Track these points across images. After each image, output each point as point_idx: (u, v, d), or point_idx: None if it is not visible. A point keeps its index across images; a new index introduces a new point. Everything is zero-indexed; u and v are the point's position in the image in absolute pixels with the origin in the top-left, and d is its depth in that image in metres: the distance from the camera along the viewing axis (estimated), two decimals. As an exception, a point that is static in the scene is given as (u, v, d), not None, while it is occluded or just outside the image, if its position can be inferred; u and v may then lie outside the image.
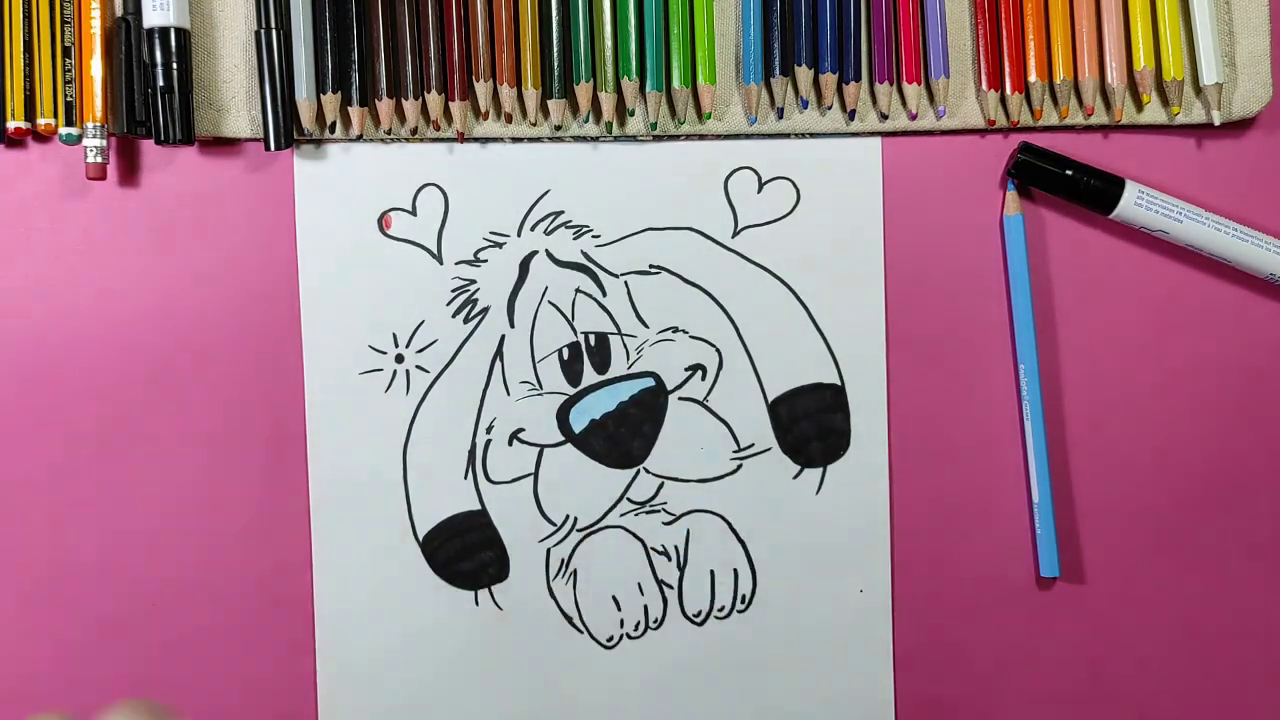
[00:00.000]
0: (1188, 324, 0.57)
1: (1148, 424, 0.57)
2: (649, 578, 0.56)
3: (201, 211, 0.54)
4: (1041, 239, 0.56)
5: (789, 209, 0.55)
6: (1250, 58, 0.55)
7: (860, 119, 0.55)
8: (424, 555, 0.55)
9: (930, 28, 0.54)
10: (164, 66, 0.50)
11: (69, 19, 0.51)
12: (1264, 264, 0.55)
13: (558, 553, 0.56)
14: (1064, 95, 0.55)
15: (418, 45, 0.52)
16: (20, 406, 0.53)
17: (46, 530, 0.53)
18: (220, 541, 0.54)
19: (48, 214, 0.53)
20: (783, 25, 0.53)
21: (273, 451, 0.54)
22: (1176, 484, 0.57)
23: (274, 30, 0.51)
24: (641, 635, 0.56)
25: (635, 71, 0.53)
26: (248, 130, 0.53)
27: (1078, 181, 0.55)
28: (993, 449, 0.56)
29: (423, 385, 0.55)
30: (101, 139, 0.50)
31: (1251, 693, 0.58)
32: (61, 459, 0.53)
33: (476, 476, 0.55)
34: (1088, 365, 0.57)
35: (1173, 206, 0.55)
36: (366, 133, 0.53)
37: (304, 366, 0.54)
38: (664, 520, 0.56)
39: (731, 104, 0.54)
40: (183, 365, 0.54)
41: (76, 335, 0.53)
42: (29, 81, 0.51)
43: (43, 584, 0.54)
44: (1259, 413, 0.58)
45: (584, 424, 0.55)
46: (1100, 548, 0.57)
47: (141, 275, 0.53)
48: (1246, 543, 0.58)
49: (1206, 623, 0.57)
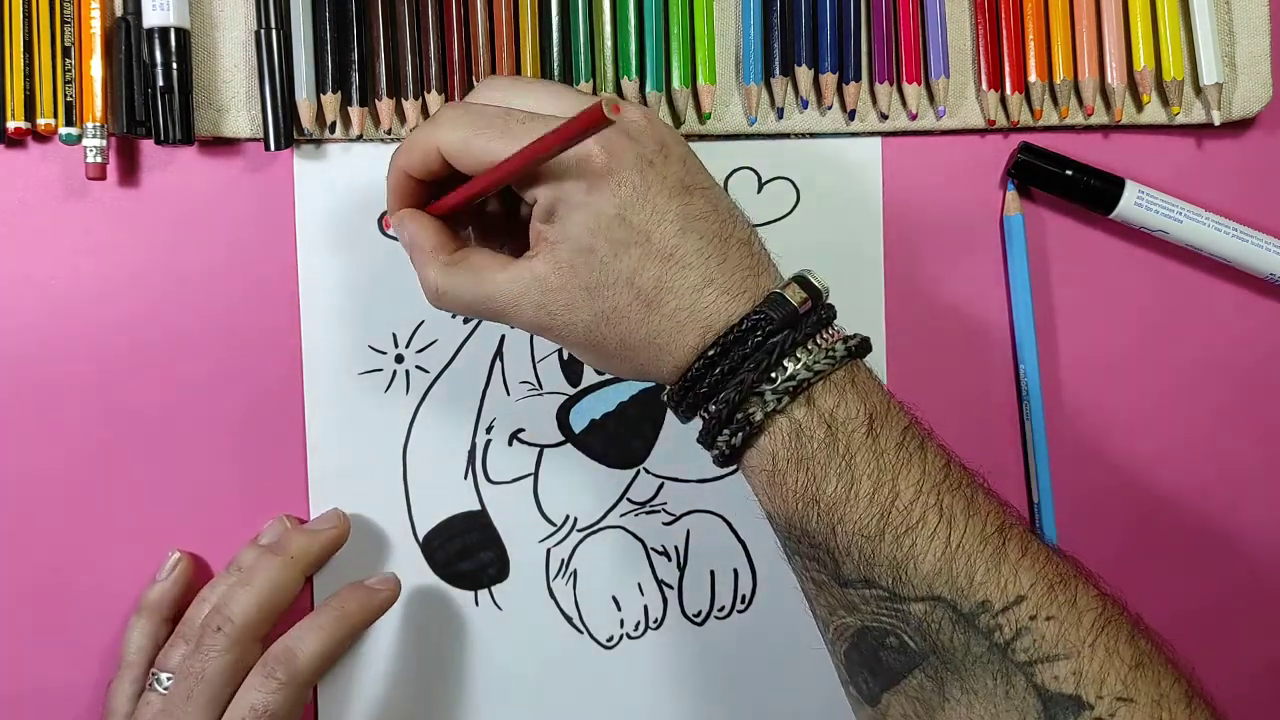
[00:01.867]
0: (1188, 324, 0.57)
1: (1148, 424, 0.57)
2: (649, 578, 0.56)
3: (201, 211, 0.53)
4: (1041, 239, 0.56)
5: (789, 209, 0.55)
6: (1250, 58, 0.55)
7: (860, 119, 0.55)
8: (424, 555, 0.55)
9: (930, 28, 0.54)
10: (164, 66, 0.50)
11: (69, 19, 0.51)
12: (1264, 264, 0.55)
13: (558, 553, 0.56)
14: (1064, 95, 0.55)
15: (418, 45, 0.52)
16: (20, 406, 0.53)
17: (46, 530, 0.53)
18: (221, 542, 0.54)
19: (48, 214, 0.53)
20: (783, 25, 0.53)
21: (273, 451, 0.54)
22: (1177, 484, 0.57)
23: (274, 30, 0.51)
24: (641, 635, 0.56)
25: (635, 71, 0.53)
26: (248, 130, 0.53)
27: (1078, 181, 0.55)
28: (993, 449, 0.56)
29: (423, 385, 0.55)
30: (101, 139, 0.50)
31: (1252, 692, 0.58)
32: (61, 459, 0.53)
33: (476, 476, 0.55)
34: (1088, 365, 0.57)
35: (1173, 206, 0.55)
36: (366, 133, 0.53)
37: (304, 366, 0.54)
38: (664, 520, 0.56)
39: (731, 104, 0.54)
40: (182, 365, 0.54)
41: (77, 335, 0.53)
42: (29, 81, 0.51)
43: (43, 584, 0.54)
44: (1259, 412, 0.58)
45: (584, 424, 0.55)
46: (1100, 548, 0.57)
47: (141, 275, 0.53)
48: (1247, 543, 0.58)
49: (1208, 622, 0.57)
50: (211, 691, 0.49)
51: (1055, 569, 0.41)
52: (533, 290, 0.43)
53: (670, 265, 0.42)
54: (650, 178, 0.42)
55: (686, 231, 0.42)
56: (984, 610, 0.40)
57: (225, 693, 0.49)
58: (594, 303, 0.43)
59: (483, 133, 0.43)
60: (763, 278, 0.43)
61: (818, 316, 0.42)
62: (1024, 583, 0.40)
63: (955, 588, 0.40)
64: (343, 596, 0.53)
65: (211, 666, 0.49)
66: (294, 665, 0.49)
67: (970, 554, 0.40)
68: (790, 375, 0.41)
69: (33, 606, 0.54)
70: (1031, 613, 0.40)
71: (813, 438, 0.41)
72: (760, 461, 0.42)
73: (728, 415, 0.42)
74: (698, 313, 0.42)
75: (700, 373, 0.42)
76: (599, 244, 0.42)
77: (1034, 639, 0.40)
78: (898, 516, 0.41)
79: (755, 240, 0.44)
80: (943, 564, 0.40)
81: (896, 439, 0.42)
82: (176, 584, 0.53)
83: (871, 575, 0.41)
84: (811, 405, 0.41)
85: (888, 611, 0.41)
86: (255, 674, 0.49)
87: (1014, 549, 0.41)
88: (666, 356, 0.43)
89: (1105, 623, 0.40)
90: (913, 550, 0.40)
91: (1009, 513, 0.42)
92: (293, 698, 0.49)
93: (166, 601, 0.52)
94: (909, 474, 0.41)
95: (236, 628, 0.49)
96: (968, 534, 0.40)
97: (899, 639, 0.41)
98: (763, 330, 0.41)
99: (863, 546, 0.41)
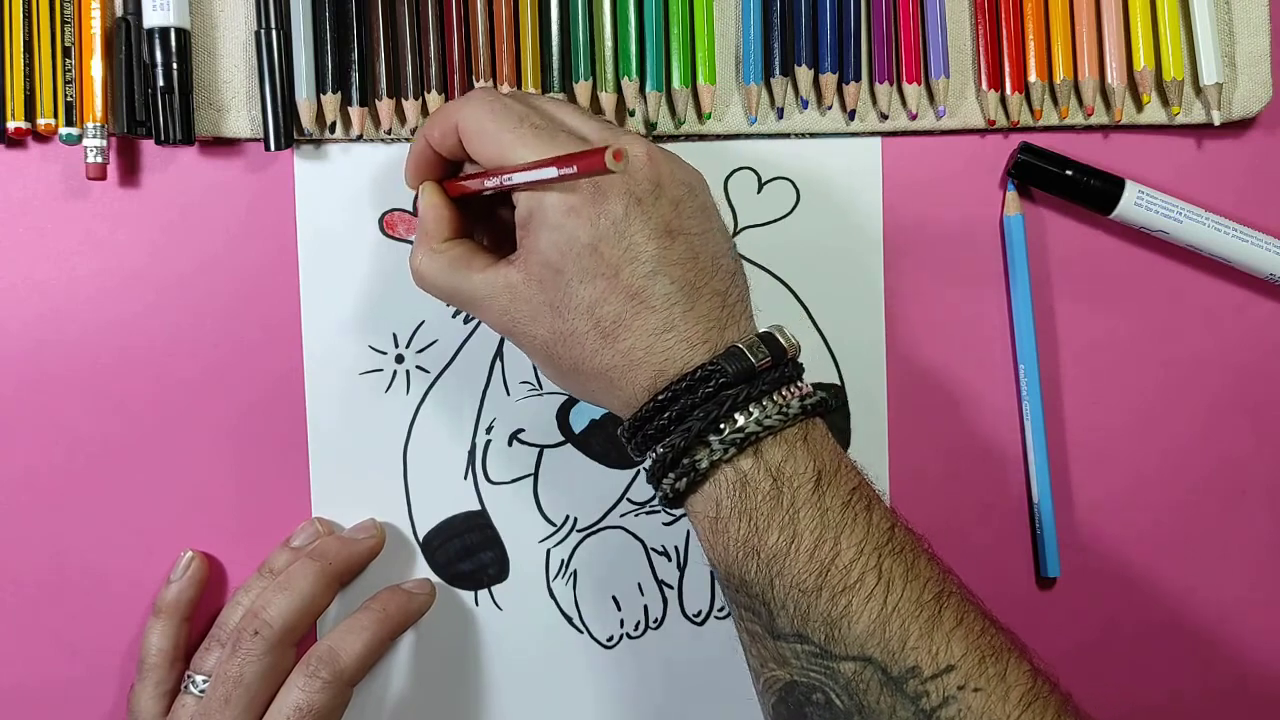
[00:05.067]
0: (1188, 324, 0.57)
1: (1148, 424, 0.57)
2: (649, 578, 0.56)
3: (201, 211, 0.54)
4: (1041, 239, 0.56)
5: (789, 209, 0.55)
6: (1250, 58, 0.55)
7: (860, 119, 0.55)
8: (424, 555, 0.55)
9: (930, 28, 0.54)
10: (164, 66, 0.50)
11: (69, 19, 0.51)
12: (1264, 264, 0.55)
13: (558, 553, 0.56)
14: (1064, 95, 0.55)
15: (418, 45, 0.52)
16: (20, 406, 0.53)
17: (46, 530, 0.53)
18: (223, 541, 0.54)
19: (48, 214, 0.53)
20: (783, 25, 0.53)
21: (273, 451, 0.54)
22: (1176, 484, 0.57)
23: (274, 30, 0.51)
24: (641, 635, 0.56)
25: (635, 71, 0.53)
26: (248, 130, 0.53)
27: (1078, 181, 0.55)
28: (993, 449, 0.56)
29: (423, 385, 0.55)
30: (101, 139, 0.50)
31: (1253, 692, 0.58)
32: (61, 459, 0.53)
33: (476, 476, 0.55)
34: (1088, 365, 0.57)
35: (1173, 206, 0.55)
36: (366, 133, 0.53)
37: (304, 366, 0.54)
38: (664, 520, 0.56)
39: (731, 104, 0.54)
40: (183, 365, 0.54)
41: (77, 335, 0.53)
42: (29, 81, 0.51)
43: (43, 584, 0.54)
44: (1259, 413, 0.58)
45: (584, 424, 0.55)
46: (1100, 548, 0.57)
47: (142, 275, 0.53)
48: (1247, 542, 0.58)
49: (1208, 623, 0.57)
50: (249, 696, 0.49)
51: (989, 641, 0.41)
52: (502, 295, 0.45)
53: (633, 304, 0.42)
54: (634, 215, 0.43)
55: (657, 275, 0.42)
56: (913, 675, 0.40)
57: (262, 697, 0.49)
58: (555, 321, 0.43)
59: (498, 121, 0.44)
60: (729, 330, 0.43)
61: (779, 374, 0.43)
62: (955, 652, 0.40)
63: (887, 650, 0.40)
64: (383, 599, 0.53)
65: (249, 670, 0.49)
66: (337, 665, 0.50)
67: (905, 618, 0.41)
68: (740, 427, 0.42)
69: (33, 606, 0.54)
70: (960, 682, 0.40)
71: (757, 490, 0.42)
72: (704, 508, 0.43)
73: (673, 460, 0.42)
74: (653, 355, 0.43)
75: (649, 415, 0.43)
76: (567, 266, 0.43)
77: (959, 708, 0.40)
78: (836, 575, 0.41)
79: (733, 291, 0.44)
80: (877, 625, 0.40)
81: (843, 498, 0.42)
82: (191, 583, 0.53)
83: (805, 630, 0.41)
84: (759, 458, 0.42)
85: (817, 668, 0.41)
86: (298, 674, 0.49)
87: (949, 618, 0.41)
88: (618, 391, 0.44)
89: (1034, 699, 0.40)
90: (848, 609, 0.41)
91: (949, 581, 0.42)
92: (336, 698, 0.49)
93: (184, 602, 0.52)
94: (852, 533, 0.41)
95: (275, 631, 0.49)
96: (904, 598, 0.41)
97: (825, 695, 0.41)
98: (715, 382, 0.42)
99: (799, 601, 0.41)
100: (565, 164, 0.40)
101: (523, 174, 0.42)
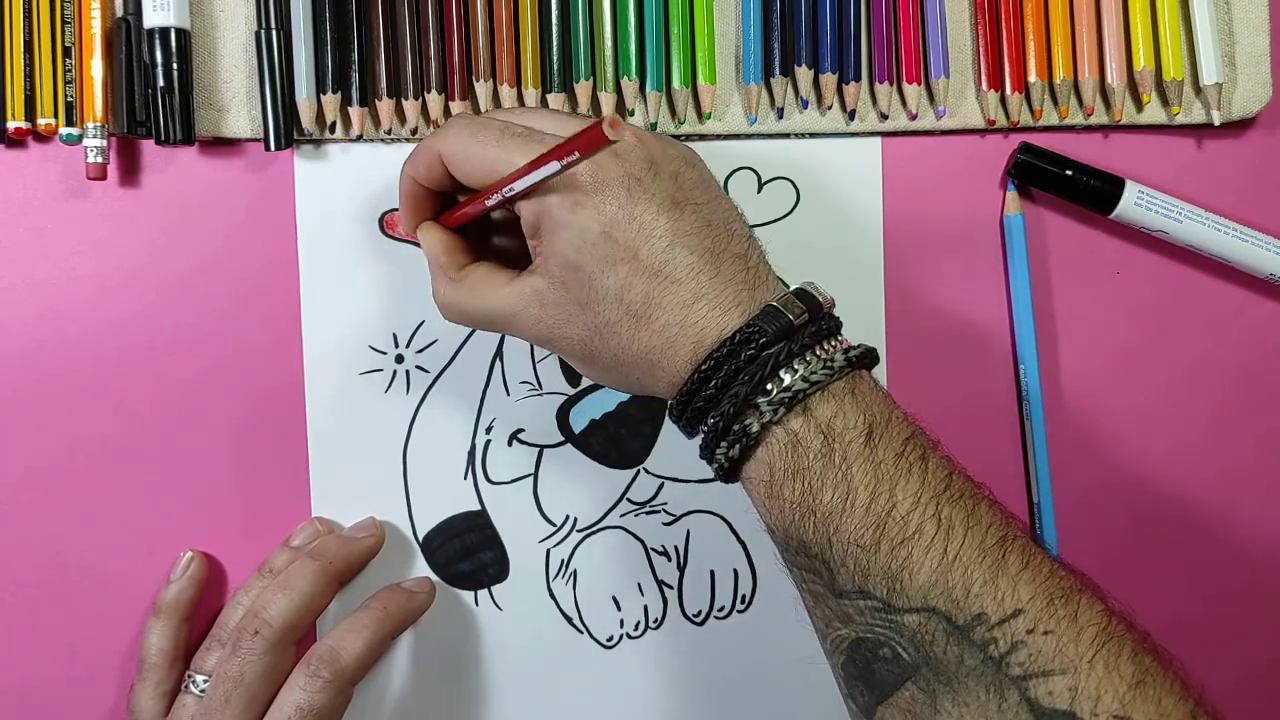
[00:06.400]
0: (1188, 324, 0.57)
1: (1148, 424, 0.57)
2: (649, 578, 0.56)
3: (201, 212, 0.54)
4: (1041, 239, 0.56)
5: (789, 209, 0.55)
6: (1250, 58, 0.55)
7: (860, 119, 0.55)
8: (424, 555, 0.55)
9: (930, 28, 0.54)
10: (164, 66, 0.50)
11: (69, 19, 0.51)
12: (1264, 264, 0.55)
13: (558, 553, 0.56)
14: (1064, 95, 0.55)
15: (418, 45, 0.52)
16: (20, 406, 0.53)
17: (47, 530, 0.53)
18: (223, 541, 0.54)
19: (48, 214, 0.53)
20: (783, 25, 0.53)
21: (273, 451, 0.54)
22: (1176, 484, 0.57)
23: (274, 30, 0.51)
24: (641, 635, 0.56)
25: (635, 71, 0.53)
26: (248, 130, 0.53)
27: (1078, 181, 0.55)
28: (993, 449, 0.56)
29: (423, 385, 0.55)
30: (102, 139, 0.50)
31: (1253, 692, 0.58)
32: (62, 459, 0.53)
33: (476, 476, 0.55)
34: (1088, 365, 0.57)
35: (1173, 206, 0.55)
36: (366, 133, 0.53)
37: (304, 366, 0.54)
38: (664, 520, 0.56)
39: (731, 104, 0.54)
40: (183, 365, 0.54)
41: (77, 335, 0.53)
42: (29, 81, 0.51)
43: (43, 584, 0.54)
44: (1260, 413, 0.58)
45: (584, 424, 0.55)
46: (1100, 548, 0.57)
47: (142, 275, 0.53)
48: (1246, 542, 0.58)
49: (1208, 623, 0.57)
50: (250, 695, 0.49)
51: (1058, 583, 0.40)
52: (532, 304, 0.44)
53: (659, 281, 0.42)
54: (638, 195, 0.42)
55: (675, 247, 0.42)
56: (979, 623, 0.39)
57: (263, 696, 0.49)
58: (587, 317, 0.43)
59: (480, 140, 0.44)
60: (759, 291, 0.43)
61: (817, 328, 0.42)
62: (1023, 596, 0.40)
63: (950, 599, 0.40)
64: (383, 598, 0.53)
65: (250, 670, 0.49)
66: (338, 664, 0.50)
67: (968, 565, 0.40)
68: (786, 386, 0.41)
69: (33, 606, 0.54)
70: (1029, 626, 0.39)
71: (809, 448, 0.41)
72: (759, 473, 0.42)
73: (724, 428, 0.42)
74: (688, 328, 0.42)
75: (695, 387, 0.42)
76: (586, 260, 0.43)
77: (1030, 653, 0.39)
78: (894, 527, 0.40)
79: (753, 254, 0.44)
80: (939, 575, 0.40)
81: (896, 449, 0.41)
82: (191, 583, 0.53)
83: (866, 586, 0.41)
84: (808, 416, 0.41)
85: (882, 623, 0.41)
86: (298, 673, 0.49)
87: (1014, 561, 0.40)
88: (660, 372, 0.43)
89: (1107, 638, 0.39)
90: (908, 561, 0.40)
91: (1012, 525, 0.42)
92: (337, 697, 0.49)
93: (183, 602, 0.53)
94: (907, 484, 0.41)
95: (275, 631, 0.49)
96: (966, 545, 0.40)
97: (892, 650, 0.41)
98: (756, 344, 0.41)
99: (858, 557, 0.41)
100: (565, 152, 0.40)
101: (524, 179, 0.42)
